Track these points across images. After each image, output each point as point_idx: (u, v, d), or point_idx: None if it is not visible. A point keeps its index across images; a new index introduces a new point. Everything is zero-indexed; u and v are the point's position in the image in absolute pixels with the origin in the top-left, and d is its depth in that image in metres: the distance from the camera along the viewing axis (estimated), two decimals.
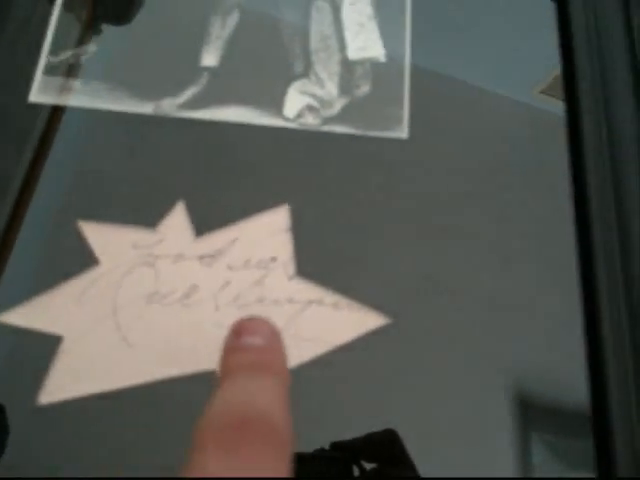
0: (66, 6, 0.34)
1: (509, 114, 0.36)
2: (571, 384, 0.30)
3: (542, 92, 0.37)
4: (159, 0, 0.36)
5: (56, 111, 0.33)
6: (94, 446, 0.28)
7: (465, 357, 0.30)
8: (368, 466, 0.27)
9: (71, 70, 0.34)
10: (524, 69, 0.39)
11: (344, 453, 0.26)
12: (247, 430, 0.18)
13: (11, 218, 0.31)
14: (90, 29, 0.35)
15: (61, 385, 0.28)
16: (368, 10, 0.36)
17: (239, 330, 0.23)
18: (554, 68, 0.38)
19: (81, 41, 0.34)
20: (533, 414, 0.29)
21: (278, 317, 0.29)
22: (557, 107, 0.37)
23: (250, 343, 0.23)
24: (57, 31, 0.35)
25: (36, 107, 0.33)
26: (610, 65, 0.36)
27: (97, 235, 0.30)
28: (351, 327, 0.29)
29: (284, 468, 0.18)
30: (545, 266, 0.33)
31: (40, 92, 0.33)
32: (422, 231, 0.33)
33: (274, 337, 0.23)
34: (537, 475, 0.30)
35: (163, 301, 0.29)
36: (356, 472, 0.27)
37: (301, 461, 0.25)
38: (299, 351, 0.29)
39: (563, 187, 0.35)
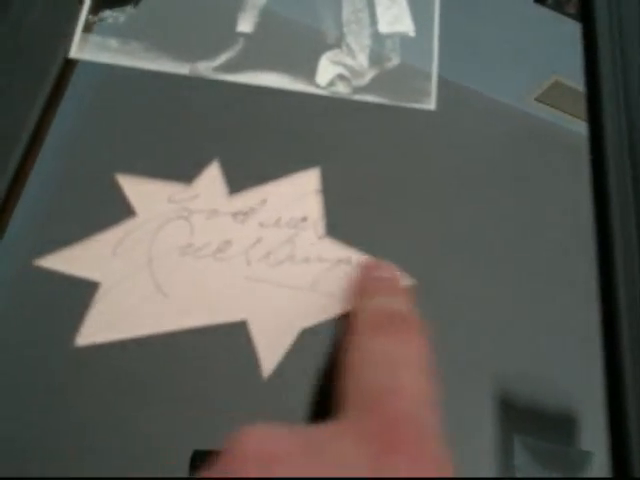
0: None
1: (503, 119, 0.37)
2: (554, 386, 0.31)
3: (537, 99, 0.38)
4: None
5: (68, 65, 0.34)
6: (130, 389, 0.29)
7: (447, 355, 0.30)
8: None
9: (110, 29, 0.35)
10: (520, 75, 0.39)
11: None
12: (395, 320, 0.23)
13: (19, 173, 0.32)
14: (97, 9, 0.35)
15: (97, 329, 0.29)
16: None
17: (370, 266, 0.28)
18: (550, 75, 0.38)
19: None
20: (515, 416, 0.30)
21: (307, 274, 0.30)
22: (551, 114, 0.38)
23: (382, 275, 0.27)
24: None
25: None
26: (634, 85, 0.36)
27: (134, 188, 0.31)
28: None
29: (425, 349, 0.23)
30: (533, 272, 0.33)
31: (79, 49, 0.34)
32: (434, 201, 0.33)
33: (397, 273, 0.28)
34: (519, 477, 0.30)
35: (197, 254, 0.30)
36: None
37: None
38: (327, 306, 0.30)
39: (556, 192, 0.35)
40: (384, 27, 0.36)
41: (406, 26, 0.36)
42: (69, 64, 0.34)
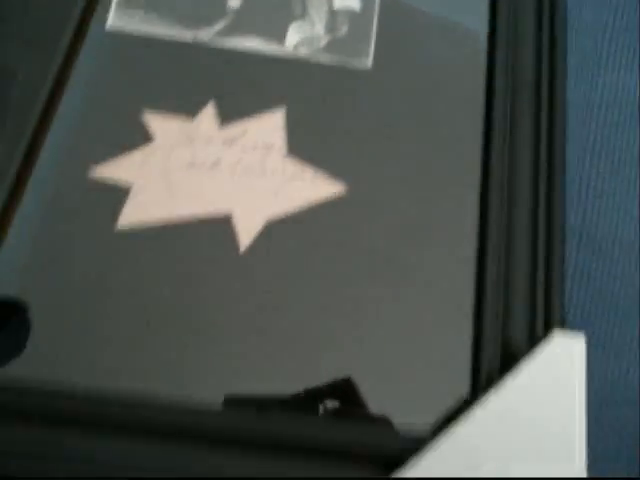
0: None
1: (467, 46, 0.49)
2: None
3: None
4: None
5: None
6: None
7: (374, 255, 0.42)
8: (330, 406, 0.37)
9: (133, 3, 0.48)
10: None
11: (309, 395, 0.37)
12: None
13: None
14: None
15: (129, 219, 0.42)
16: None
17: None
18: None
19: None
20: None
21: (274, 183, 0.44)
22: None
23: None
24: None
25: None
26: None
27: (154, 120, 0.45)
28: (321, 193, 0.44)
29: None
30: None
31: (115, 20, 0.47)
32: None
33: None
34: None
35: (198, 169, 0.44)
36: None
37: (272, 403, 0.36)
38: (287, 205, 0.43)
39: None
40: (337, 4, 0.49)
41: (353, 4, 0.49)
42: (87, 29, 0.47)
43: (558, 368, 0.39)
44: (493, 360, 0.41)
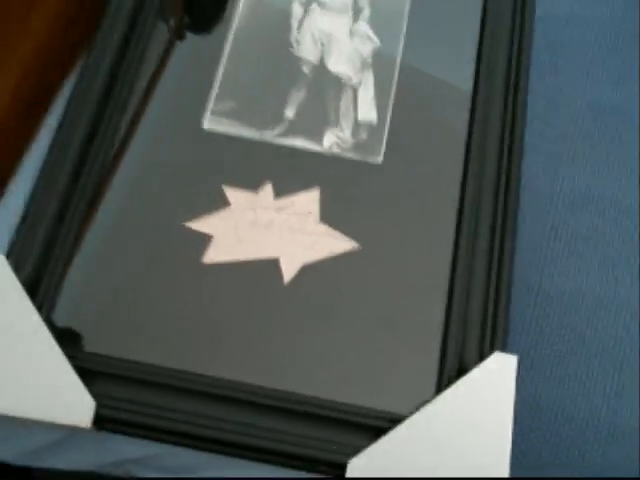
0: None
1: None
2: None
3: None
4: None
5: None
6: None
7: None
8: None
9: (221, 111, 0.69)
10: None
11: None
12: None
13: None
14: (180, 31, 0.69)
15: (212, 257, 0.63)
16: (371, 93, 0.71)
17: None
18: None
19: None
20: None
21: (308, 240, 0.64)
22: None
23: None
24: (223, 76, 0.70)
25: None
26: None
27: (231, 192, 0.66)
28: (341, 248, 0.64)
29: None
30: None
31: (208, 122, 0.69)
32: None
33: None
34: None
35: (258, 227, 0.64)
36: None
37: None
38: (318, 254, 0.63)
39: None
40: (361, 117, 0.70)
41: (372, 117, 0.70)
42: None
43: (494, 378, 0.58)
44: (452, 370, 0.60)
